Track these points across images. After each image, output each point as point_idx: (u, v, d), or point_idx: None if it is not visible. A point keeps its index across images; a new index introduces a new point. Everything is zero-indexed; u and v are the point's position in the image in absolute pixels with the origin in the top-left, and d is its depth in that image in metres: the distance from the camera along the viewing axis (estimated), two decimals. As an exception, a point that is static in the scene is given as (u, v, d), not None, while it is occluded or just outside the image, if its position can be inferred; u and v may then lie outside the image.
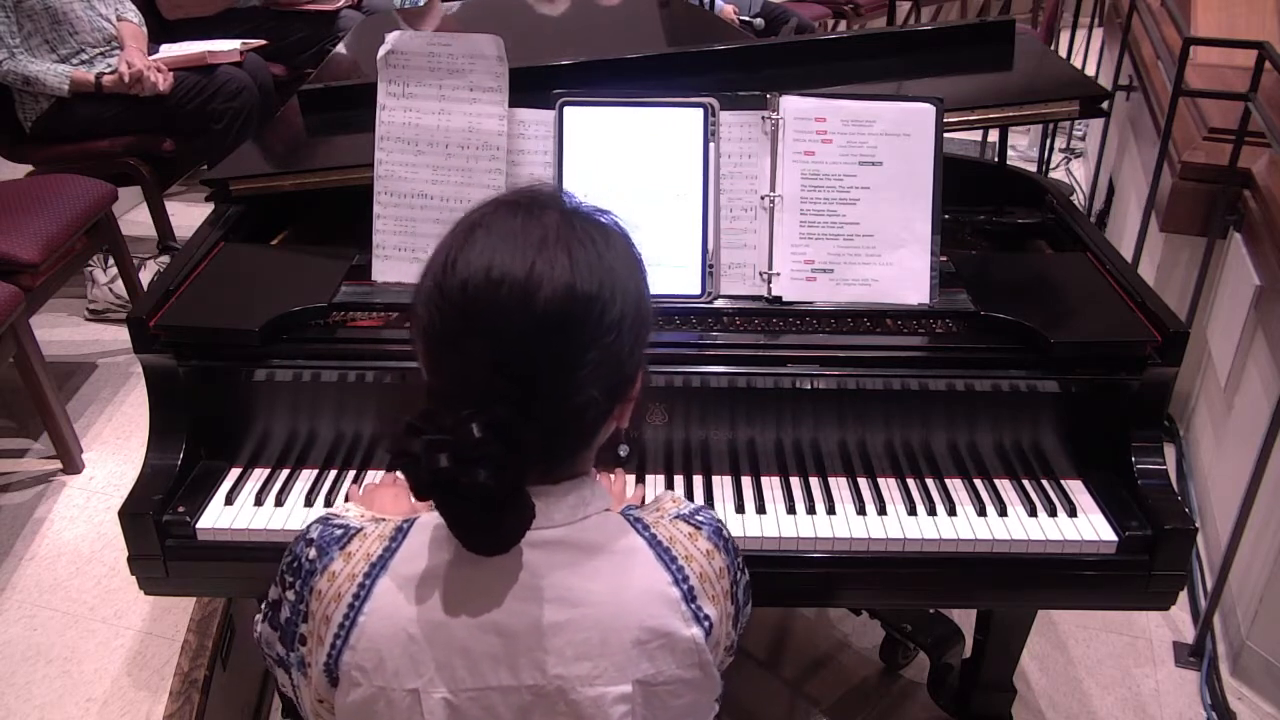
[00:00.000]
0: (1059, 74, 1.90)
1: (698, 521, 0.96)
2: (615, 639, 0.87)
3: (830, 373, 1.42)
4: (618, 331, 0.84)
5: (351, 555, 0.91)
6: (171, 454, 1.43)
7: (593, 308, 0.82)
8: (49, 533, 2.38)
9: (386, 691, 0.88)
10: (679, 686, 0.90)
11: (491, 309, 0.81)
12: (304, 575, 0.93)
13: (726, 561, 0.94)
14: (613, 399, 0.88)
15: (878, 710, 1.99)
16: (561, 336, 0.82)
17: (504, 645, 0.87)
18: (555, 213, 0.86)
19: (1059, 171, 4.33)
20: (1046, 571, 1.40)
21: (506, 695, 0.88)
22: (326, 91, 1.93)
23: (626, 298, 0.85)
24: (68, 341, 3.14)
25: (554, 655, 0.87)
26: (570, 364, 0.82)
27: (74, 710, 1.94)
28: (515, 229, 0.84)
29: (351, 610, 0.89)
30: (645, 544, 0.91)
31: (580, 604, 0.87)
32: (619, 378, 0.87)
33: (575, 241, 0.84)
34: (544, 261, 0.81)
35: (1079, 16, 4.21)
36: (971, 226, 1.82)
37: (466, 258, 0.83)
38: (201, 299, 1.49)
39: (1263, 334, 2.13)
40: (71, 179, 2.88)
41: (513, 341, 0.81)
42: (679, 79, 1.79)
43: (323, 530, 0.95)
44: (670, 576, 0.90)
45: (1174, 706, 2.01)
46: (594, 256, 0.84)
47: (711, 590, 0.91)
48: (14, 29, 3.01)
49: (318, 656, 0.91)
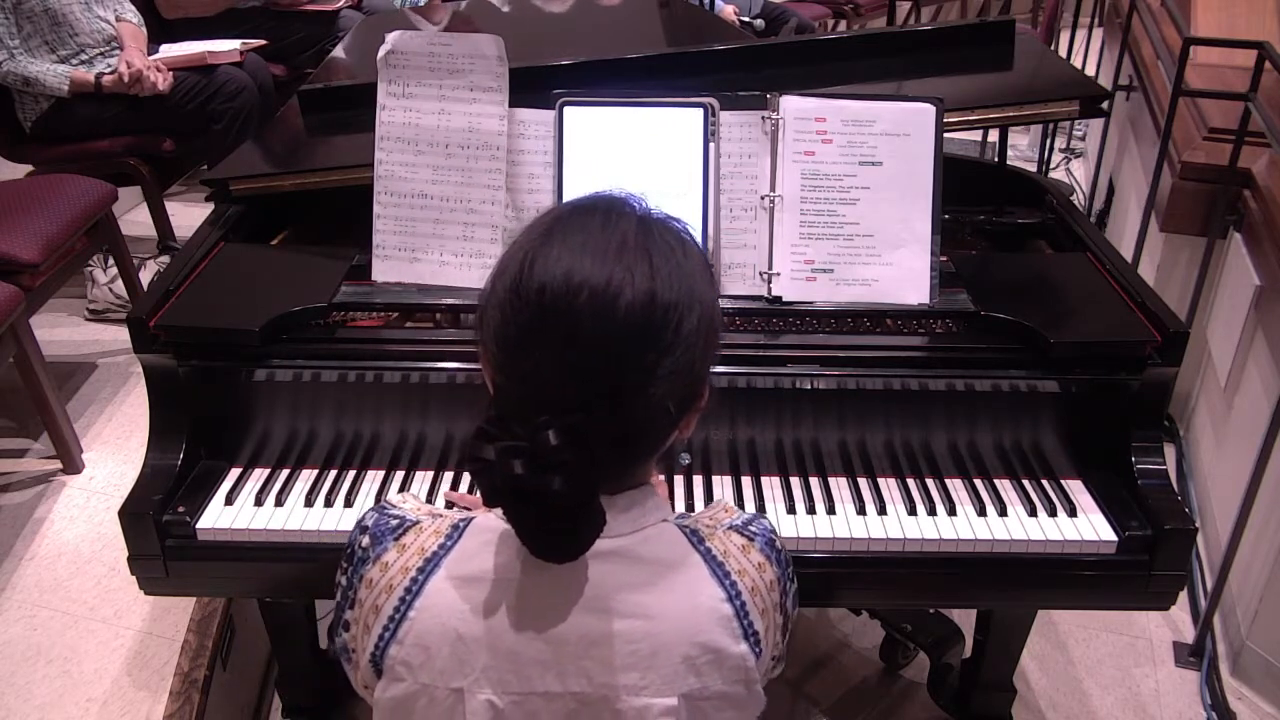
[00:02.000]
0: (1059, 74, 1.90)
1: (750, 533, 0.95)
2: (665, 653, 0.87)
3: (830, 373, 1.42)
4: (693, 339, 0.84)
5: (406, 547, 0.91)
6: (171, 454, 1.43)
7: (671, 316, 0.82)
8: (49, 533, 2.38)
9: (430, 689, 0.88)
10: (722, 702, 0.90)
11: (570, 315, 0.80)
12: (355, 562, 0.93)
13: (778, 574, 0.94)
14: (683, 408, 0.87)
15: (878, 710, 1.99)
16: (640, 344, 0.81)
17: (553, 652, 0.87)
18: (633, 219, 0.86)
19: (1059, 171, 4.33)
20: (1046, 571, 1.40)
21: (551, 701, 0.87)
22: (326, 91, 1.93)
23: (703, 306, 0.85)
24: (68, 341, 3.14)
25: (602, 664, 0.87)
26: (647, 372, 0.81)
27: (74, 710, 1.94)
28: (593, 234, 0.83)
29: (402, 604, 0.89)
30: (700, 559, 0.91)
31: (633, 616, 0.87)
32: (690, 387, 0.86)
33: (654, 248, 0.83)
34: (624, 268, 0.81)
35: (1079, 16, 4.21)
36: (971, 226, 1.82)
37: (545, 262, 0.82)
38: (201, 299, 1.49)
39: (1263, 334, 2.13)
40: (71, 179, 2.88)
41: (592, 348, 0.80)
42: (679, 79, 1.79)
43: (378, 519, 0.95)
44: (724, 593, 0.89)
45: (1174, 706, 2.01)
46: (673, 264, 0.83)
47: (762, 604, 0.91)
48: (14, 30, 3.01)
49: (364, 645, 0.91)
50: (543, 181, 1.50)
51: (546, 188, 1.50)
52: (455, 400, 1.44)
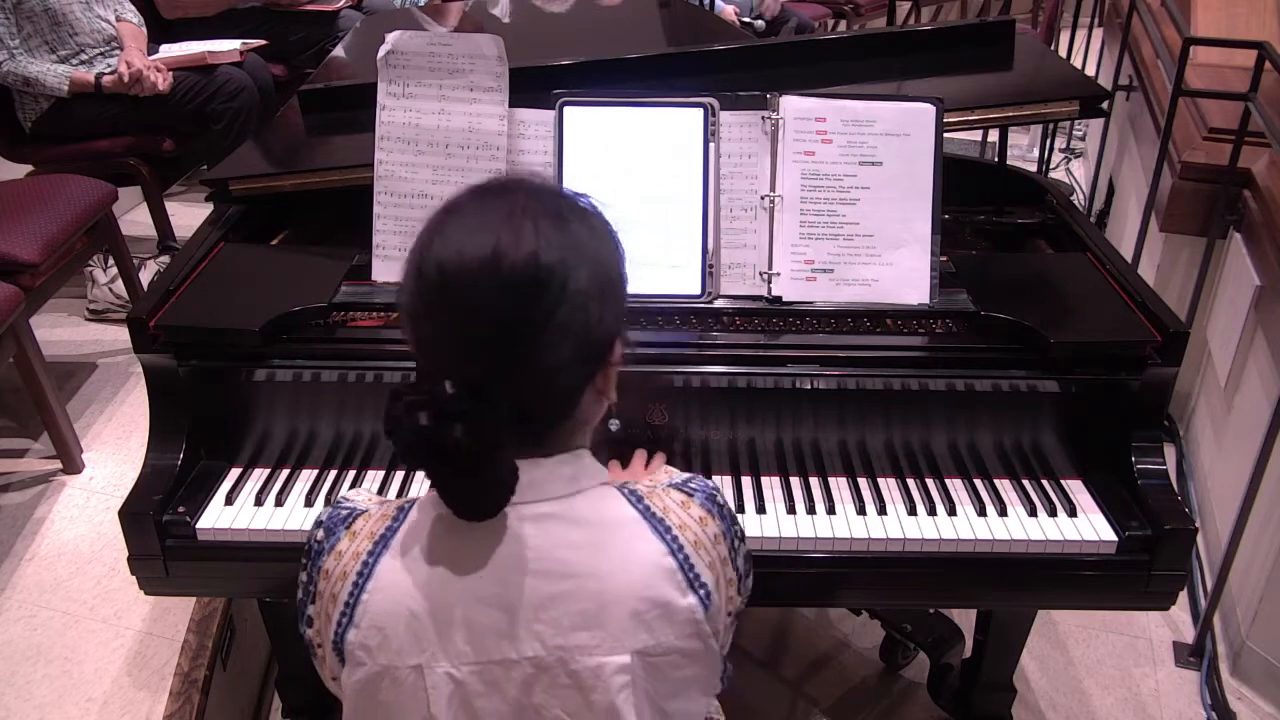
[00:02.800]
0: (1059, 74, 1.90)
1: (690, 489, 0.97)
2: (613, 610, 0.89)
3: (830, 373, 1.42)
4: (584, 297, 0.86)
5: (356, 534, 0.94)
6: (171, 454, 1.43)
7: (556, 275, 0.85)
8: (49, 533, 2.38)
9: (391, 670, 0.90)
10: (678, 658, 0.92)
11: (461, 282, 0.85)
12: (312, 556, 0.96)
13: (721, 528, 0.96)
14: (587, 365, 0.90)
15: (878, 710, 1.99)
16: (526, 302, 0.85)
17: (505, 618, 0.89)
18: (522, 193, 0.90)
19: (1059, 171, 4.32)
20: (1046, 571, 1.40)
21: (509, 668, 0.89)
22: (326, 91, 1.93)
23: (595, 267, 0.88)
24: (68, 341, 3.14)
25: (552, 627, 0.89)
26: (536, 328, 0.85)
27: (74, 710, 1.94)
28: (484, 209, 0.88)
29: (356, 588, 0.91)
30: (639, 515, 0.93)
31: (577, 576, 0.89)
32: (590, 343, 0.89)
33: (541, 215, 0.87)
34: (509, 233, 0.85)
35: (1079, 16, 4.21)
36: (971, 226, 1.82)
37: (442, 240, 0.87)
38: (201, 299, 1.49)
39: (1263, 334, 2.13)
40: (71, 179, 2.88)
41: (481, 310, 0.85)
42: (679, 79, 1.79)
43: (331, 512, 0.98)
44: (665, 547, 0.91)
45: (1174, 706, 2.01)
46: (558, 226, 0.87)
47: (707, 557, 0.93)
48: (14, 30, 3.01)
49: (326, 635, 0.93)
50: (543, 181, 1.50)
51: (546, 188, 1.49)
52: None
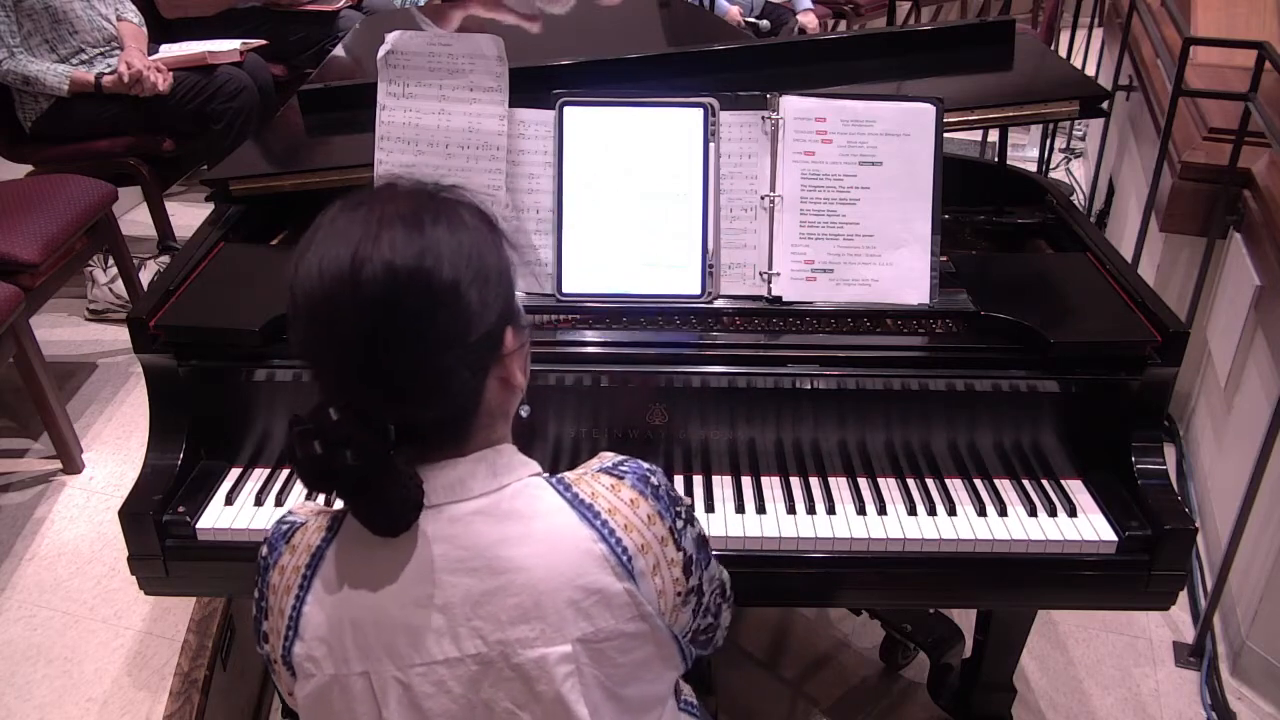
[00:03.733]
0: (1059, 74, 1.90)
1: (620, 472, 0.96)
2: (549, 600, 0.89)
3: (830, 373, 1.42)
4: (453, 295, 0.84)
5: (295, 548, 0.95)
6: (171, 454, 1.43)
7: (415, 279, 0.83)
8: (49, 533, 2.38)
9: (340, 679, 0.90)
10: (624, 641, 0.92)
11: (324, 303, 0.83)
12: (261, 573, 0.97)
13: (655, 507, 0.94)
14: (479, 359, 0.88)
15: (878, 710, 1.99)
16: (392, 314, 0.83)
17: (443, 619, 0.89)
18: (382, 200, 0.88)
19: (1059, 171, 4.32)
20: (1046, 571, 1.40)
21: (453, 667, 0.89)
22: (326, 91, 1.93)
23: (458, 260, 0.85)
24: (68, 341, 3.14)
25: (491, 622, 0.89)
26: (411, 336, 0.83)
27: (74, 710, 1.94)
28: (343, 223, 0.86)
29: (298, 601, 0.92)
30: (566, 504, 0.92)
31: (509, 570, 0.89)
32: (475, 339, 0.87)
33: (396, 220, 0.85)
34: (366, 245, 0.83)
35: (1079, 16, 4.21)
36: (971, 226, 1.82)
37: (305, 261, 0.85)
38: (201, 299, 1.49)
39: (1263, 334, 2.13)
40: (71, 179, 2.88)
41: (349, 328, 0.83)
42: (679, 79, 1.79)
43: (275, 528, 0.98)
44: (595, 533, 0.91)
45: (1174, 706, 2.01)
46: (412, 230, 0.84)
47: (640, 539, 0.92)
48: (14, 29, 3.01)
49: (277, 650, 0.94)
50: (543, 181, 1.50)
51: (546, 188, 1.50)
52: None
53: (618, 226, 1.47)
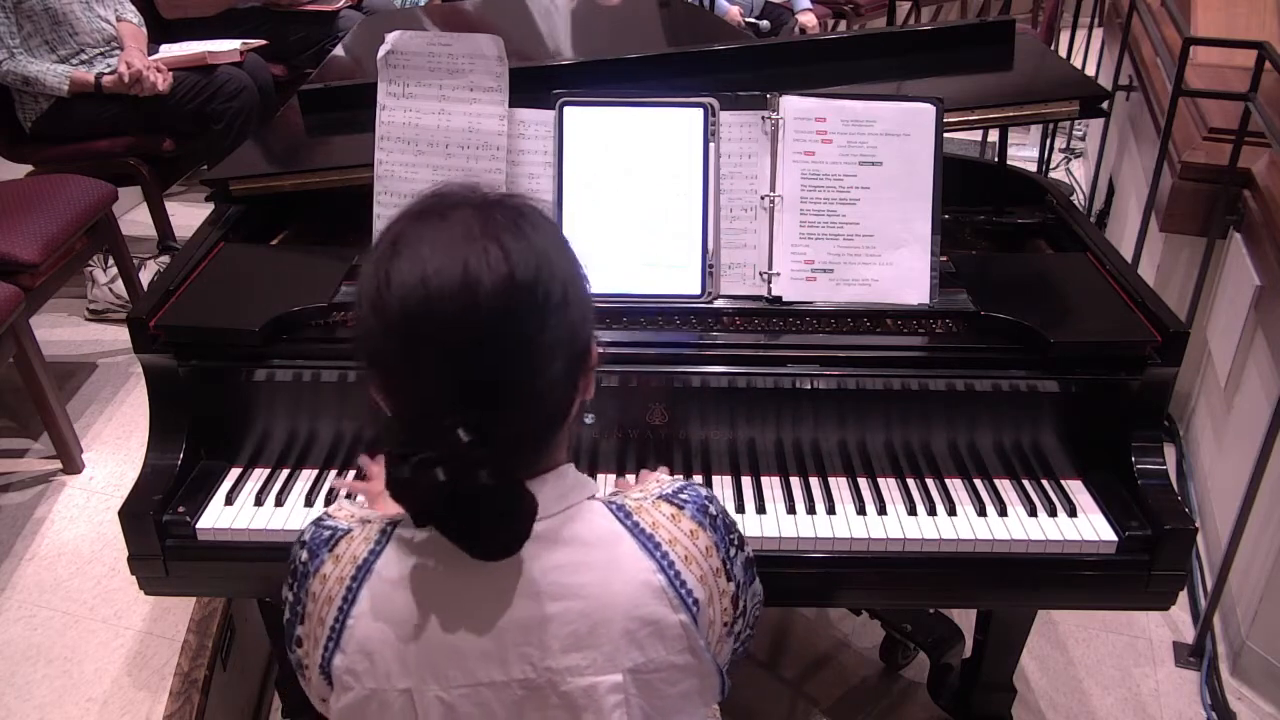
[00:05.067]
0: (1059, 74, 1.90)
1: (680, 501, 0.95)
2: (604, 630, 0.88)
3: (830, 373, 1.42)
4: (564, 307, 0.84)
5: (340, 558, 0.92)
6: (171, 454, 1.43)
7: (536, 291, 0.82)
8: (49, 533, 2.38)
9: (380, 693, 0.89)
10: (672, 673, 0.91)
11: (436, 320, 0.80)
12: (299, 578, 0.94)
13: (713, 539, 0.94)
14: (574, 374, 0.88)
15: (878, 710, 1.99)
16: (512, 327, 0.81)
17: (493, 641, 0.87)
18: (468, 208, 0.85)
19: (1059, 171, 4.32)
20: (1046, 571, 1.40)
21: (498, 691, 0.88)
22: (326, 91, 1.93)
23: (564, 273, 0.85)
24: (68, 341, 3.14)
25: (542, 649, 0.87)
26: (527, 351, 0.82)
27: (74, 710, 1.94)
28: (436, 234, 0.82)
29: (341, 614, 0.90)
30: (627, 532, 0.91)
31: (566, 597, 0.88)
32: (575, 352, 0.87)
33: (500, 229, 0.82)
34: (475, 257, 0.80)
35: (1079, 16, 4.21)
36: (971, 226, 1.82)
37: (399, 276, 0.81)
38: (201, 299, 1.49)
39: (1263, 334, 2.13)
40: (71, 179, 2.88)
41: (467, 345, 0.80)
42: (679, 79, 1.79)
43: (314, 533, 0.96)
44: (654, 564, 0.89)
45: (1174, 706, 2.01)
46: (522, 240, 0.83)
47: (699, 570, 0.91)
48: (14, 29, 3.01)
49: (314, 658, 0.92)
50: (543, 181, 1.50)
51: (546, 188, 1.50)
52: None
53: (618, 226, 1.47)
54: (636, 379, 1.42)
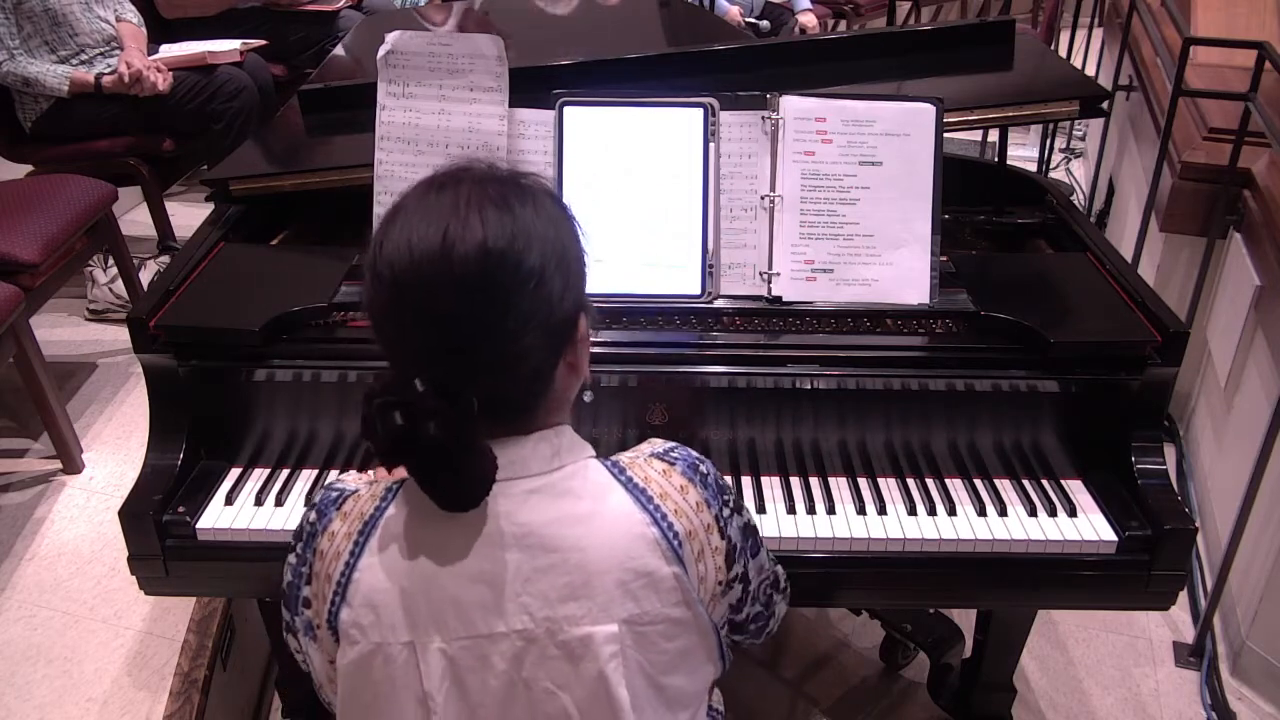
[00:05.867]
0: (1059, 74, 1.90)
1: (671, 458, 0.98)
2: (599, 580, 0.90)
3: (830, 373, 1.42)
4: (539, 278, 0.87)
5: (347, 515, 0.96)
6: (171, 454, 1.43)
7: (507, 260, 0.85)
8: (49, 533, 2.38)
9: (383, 647, 0.92)
10: (668, 627, 0.93)
11: (415, 279, 0.85)
12: (306, 538, 0.98)
13: (704, 495, 0.96)
14: (555, 342, 0.91)
15: (878, 710, 1.99)
16: (483, 291, 0.85)
17: (492, 593, 0.90)
18: (468, 182, 0.90)
19: (1059, 171, 4.33)
20: (1046, 571, 1.40)
21: (497, 642, 0.90)
22: (326, 91, 1.93)
23: (545, 245, 0.88)
24: (68, 341, 3.14)
25: (540, 599, 0.90)
26: (497, 314, 0.86)
27: (74, 710, 1.94)
28: (431, 203, 0.88)
29: (348, 567, 0.93)
30: (621, 487, 0.94)
31: (562, 548, 0.90)
32: (554, 322, 0.89)
33: (486, 202, 0.87)
34: (456, 225, 0.85)
35: (1079, 16, 4.21)
36: (971, 226, 1.82)
37: (391, 238, 0.87)
38: (201, 299, 1.49)
39: (1263, 334, 2.13)
40: (71, 179, 2.88)
41: (437, 306, 0.85)
42: (679, 79, 1.79)
43: (323, 495, 1.00)
44: (648, 517, 0.92)
45: (1174, 706, 2.01)
46: (506, 213, 0.87)
47: (688, 524, 0.94)
48: (14, 30, 3.01)
49: (322, 615, 0.95)
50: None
51: (546, 188, 1.49)
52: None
53: (618, 226, 1.47)
54: (636, 379, 1.42)
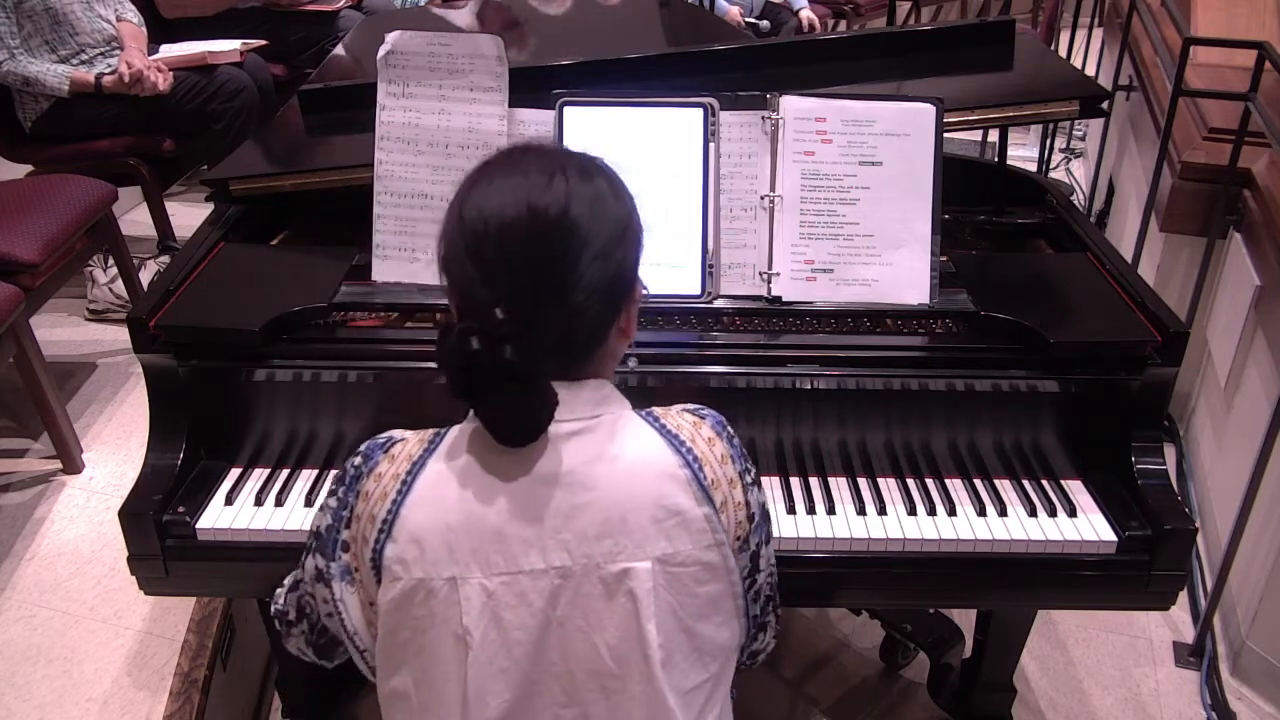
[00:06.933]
0: (1059, 74, 1.90)
1: (702, 414, 1.04)
2: (634, 517, 0.95)
3: (830, 373, 1.42)
4: (608, 243, 0.95)
5: (395, 457, 1.00)
6: (171, 454, 1.43)
7: (582, 222, 0.93)
8: (49, 533, 2.38)
9: (426, 582, 0.95)
10: (700, 570, 0.97)
11: (502, 225, 0.92)
12: (349, 481, 1.02)
13: (729, 450, 1.01)
14: (614, 301, 0.98)
15: (878, 710, 1.99)
16: (562, 245, 0.93)
17: (534, 530, 0.94)
18: (550, 151, 1.00)
19: (1059, 171, 4.33)
20: (1046, 572, 1.40)
21: (536, 579, 0.94)
22: (326, 91, 1.93)
23: (617, 217, 0.97)
24: (68, 341, 3.14)
25: (579, 536, 0.94)
26: (569, 266, 0.93)
27: (74, 710, 1.94)
28: (520, 164, 0.96)
29: (394, 504, 0.97)
30: (655, 432, 1.00)
31: (600, 487, 0.95)
32: (615, 284, 0.97)
33: (570, 169, 0.96)
34: (544, 184, 0.93)
35: (1079, 16, 4.21)
36: (971, 226, 1.82)
37: (478, 195, 0.95)
38: (201, 299, 1.49)
39: (1263, 334, 2.13)
40: (71, 179, 2.87)
41: (523, 253, 0.92)
42: (679, 79, 1.79)
43: (369, 442, 1.03)
44: (680, 459, 0.98)
45: (1174, 706, 2.01)
46: (585, 181, 0.95)
47: (713, 474, 0.99)
48: (14, 29, 3.01)
49: (363, 557, 0.98)
50: (543, 181, 1.50)
51: (546, 188, 1.49)
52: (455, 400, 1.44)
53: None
54: (636, 379, 1.42)
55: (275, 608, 1.15)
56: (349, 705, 1.93)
